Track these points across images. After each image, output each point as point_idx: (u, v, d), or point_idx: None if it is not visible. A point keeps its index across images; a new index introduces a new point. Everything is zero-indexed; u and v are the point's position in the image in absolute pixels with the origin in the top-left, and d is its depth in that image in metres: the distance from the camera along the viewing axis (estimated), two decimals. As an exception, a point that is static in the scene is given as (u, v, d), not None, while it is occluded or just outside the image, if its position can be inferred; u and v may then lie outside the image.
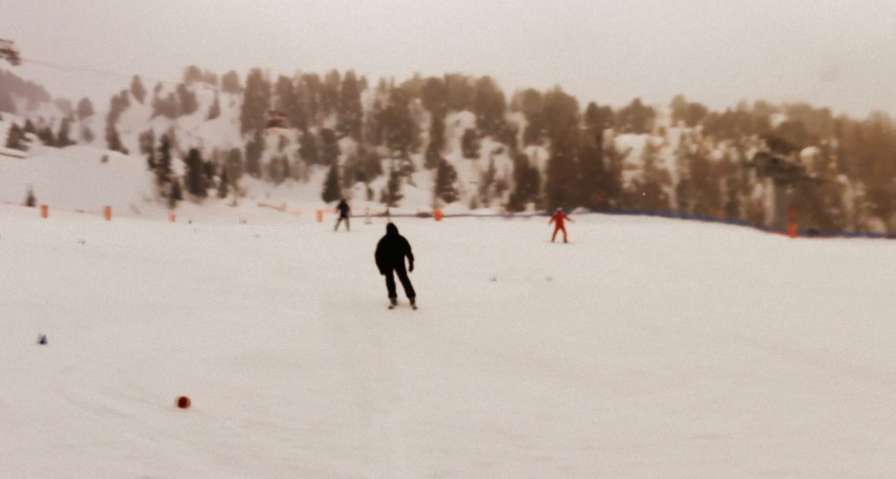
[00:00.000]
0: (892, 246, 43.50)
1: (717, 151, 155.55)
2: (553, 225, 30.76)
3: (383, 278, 14.51)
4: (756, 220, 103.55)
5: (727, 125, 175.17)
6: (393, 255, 14.02)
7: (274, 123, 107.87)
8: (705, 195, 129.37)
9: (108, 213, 53.77)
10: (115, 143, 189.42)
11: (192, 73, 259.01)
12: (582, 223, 52.37)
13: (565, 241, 29.73)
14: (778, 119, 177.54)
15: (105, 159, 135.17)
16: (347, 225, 34.55)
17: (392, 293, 14.07)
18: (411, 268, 14.10)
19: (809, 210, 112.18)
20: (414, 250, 14.65)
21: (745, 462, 6.20)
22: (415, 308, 13.75)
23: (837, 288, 17.83)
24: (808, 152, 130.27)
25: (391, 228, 14.29)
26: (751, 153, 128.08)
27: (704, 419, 7.44)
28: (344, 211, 34.68)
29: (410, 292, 13.94)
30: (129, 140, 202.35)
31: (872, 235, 77.87)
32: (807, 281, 19.22)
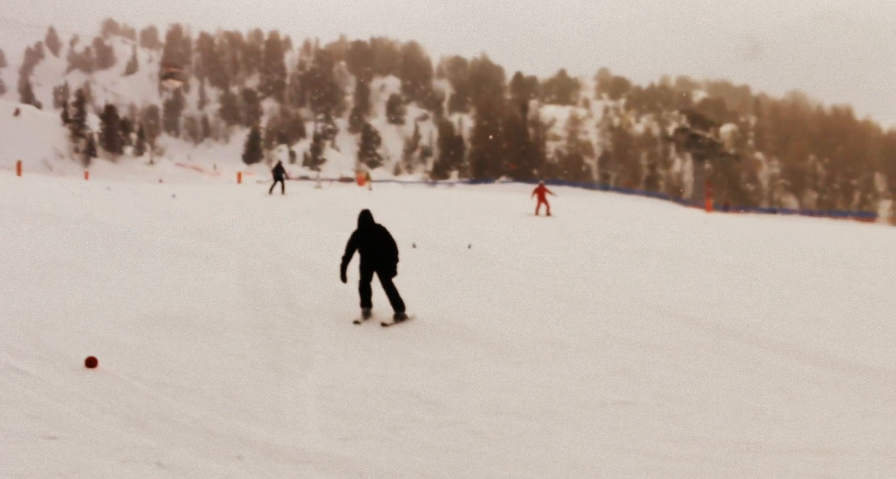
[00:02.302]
0: (804, 223, 44.85)
1: (640, 125, 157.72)
2: (535, 198, 30.60)
3: (349, 284, 11.15)
4: (674, 193, 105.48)
5: (650, 99, 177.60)
6: (370, 255, 10.52)
7: (169, 76, 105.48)
8: (626, 168, 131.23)
9: (18, 168, 51.98)
10: (27, 96, 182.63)
11: (110, 27, 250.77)
12: (503, 193, 52.62)
13: (548, 214, 29.72)
14: (699, 95, 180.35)
15: (17, 113, 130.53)
16: (283, 189, 33.67)
17: (366, 301, 10.60)
18: (394, 271, 10.54)
19: (726, 186, 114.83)
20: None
21: (654, 429, 6.34)
22: (389, 323, 10.19)
23: (748, 264, 18.29)
24: (726, 129, 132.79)
25: (365, 217, 10.64)
26: (672, 128, 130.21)
27: (615, 388, 7.57)
28: (279, 174, 33.82)
29: (398, 303, 10.35)
30: (43, 94, 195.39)
31: (786, 211, 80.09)
32: (719, 256, 19.67)
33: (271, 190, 33.55)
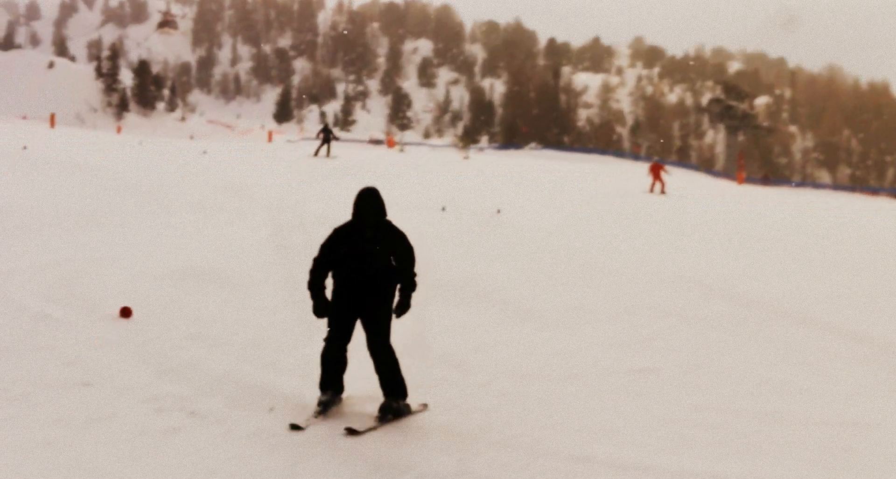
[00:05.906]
0: (835, 198, 44.34)
1: (673, 95, 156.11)
2: (651, 176, 30.00)
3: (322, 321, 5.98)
4: (706, 165, 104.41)
5: (684, 69, 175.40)
6: (356, 282, 5.70)
7: (165, 24, 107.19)
8: (658, 138, 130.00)
9: (52, 120, 52.36)
10: (61, 49, 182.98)
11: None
12: (534, 160, 52.36)
13: (662, 192, 29.12)
14: (734, 66, 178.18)
15: (51, 65, 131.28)
16: (328, 152, 33.14)
17: (330, 381, 5.69)
18: (403, 307, 5.80)
19: (758, 158, 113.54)
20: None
21: (677, 397, 6.37)
22: (369, 426, 5.35)
23: (777, 237, 18.13)
24: (761, 101, 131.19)
25: (366, 202, 5.79)
26: (705, 99, 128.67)
27: (639, 355, 7.59)
28: (327, 136, 33.29)
29: (395, 384, 5.64)
30: (77, 47, 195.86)
31: (818, 185, 78.98)
32: (748, 229, 19.50)
33: (317, 152, 32.90)
